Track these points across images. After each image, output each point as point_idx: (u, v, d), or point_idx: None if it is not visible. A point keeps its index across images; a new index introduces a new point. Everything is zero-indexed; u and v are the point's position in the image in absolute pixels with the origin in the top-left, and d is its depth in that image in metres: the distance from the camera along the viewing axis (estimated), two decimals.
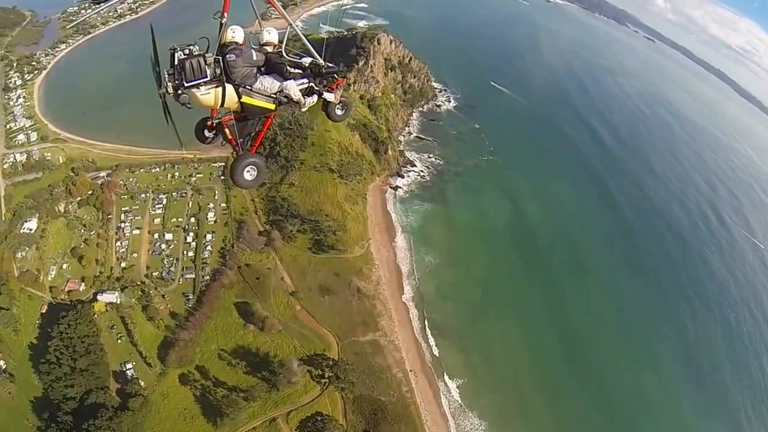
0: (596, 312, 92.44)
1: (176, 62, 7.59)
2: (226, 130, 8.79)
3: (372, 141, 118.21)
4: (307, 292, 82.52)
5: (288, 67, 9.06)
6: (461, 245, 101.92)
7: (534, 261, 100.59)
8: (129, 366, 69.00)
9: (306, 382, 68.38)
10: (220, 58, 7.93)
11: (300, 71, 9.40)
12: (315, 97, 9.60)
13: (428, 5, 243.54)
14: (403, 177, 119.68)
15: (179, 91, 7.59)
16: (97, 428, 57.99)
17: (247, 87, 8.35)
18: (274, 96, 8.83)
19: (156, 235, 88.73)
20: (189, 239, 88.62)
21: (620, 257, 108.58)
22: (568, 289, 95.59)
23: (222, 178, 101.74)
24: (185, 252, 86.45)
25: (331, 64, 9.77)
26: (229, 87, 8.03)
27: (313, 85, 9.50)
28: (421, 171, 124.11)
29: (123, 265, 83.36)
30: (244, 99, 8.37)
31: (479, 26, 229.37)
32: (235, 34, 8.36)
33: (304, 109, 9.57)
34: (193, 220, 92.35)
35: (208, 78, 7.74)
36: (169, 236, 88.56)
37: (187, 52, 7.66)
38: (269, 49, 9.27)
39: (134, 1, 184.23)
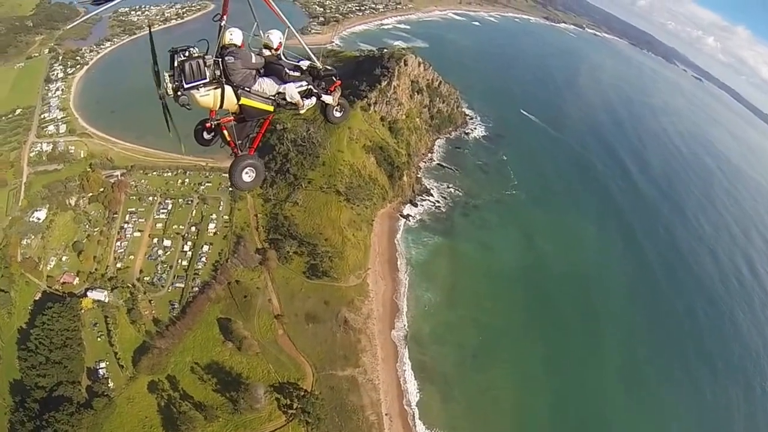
0: (604, 371, 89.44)
1: (176, 64, 8.00)
2: (225, 132, 9.20)
3: (387, 165, 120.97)
4: (293, 317, 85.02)
5: (287, 70, 9.62)
6: (466, 285, 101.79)
7: (543, 310, 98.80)
8: (102, 365, 73.84)
9: (272, 410, 70.18)
10: (219, 60, 8.39)
11: (298, 74, 9.95)
12: (313, 100, 10.20)
13: (472, 31, 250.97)
14: (416, 206, 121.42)
15: (179, 93, 8.02)
16: (57, 421, 62.48)
17: (245, 89, 8.78)
18: (273, 98, 9.35)
19: (155, 240, 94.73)
20: (186, 248, 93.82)
21: (639, 311, 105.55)
22: (576, 344, 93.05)
23: (230, 189, 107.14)
24: (180, 260, 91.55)
25: (329, 67, 10.37)
26: (228, 89, 8.47)
27: (312, 87, 10.09)
28: (437, 201, 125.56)
29: (118, 265, 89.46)
30: (243, 101, 8.79)
31: (521, 54, 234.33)
32: (233, 36, 8.70)
33: (302, 111, 10.11)
34: (193, 229, 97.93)
35: (208, 80, 8.17)
36: (167, 242, 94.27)
37: (186, 54, 8.06)
38: (268, 51, 9.76)
39: (181, 7, 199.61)
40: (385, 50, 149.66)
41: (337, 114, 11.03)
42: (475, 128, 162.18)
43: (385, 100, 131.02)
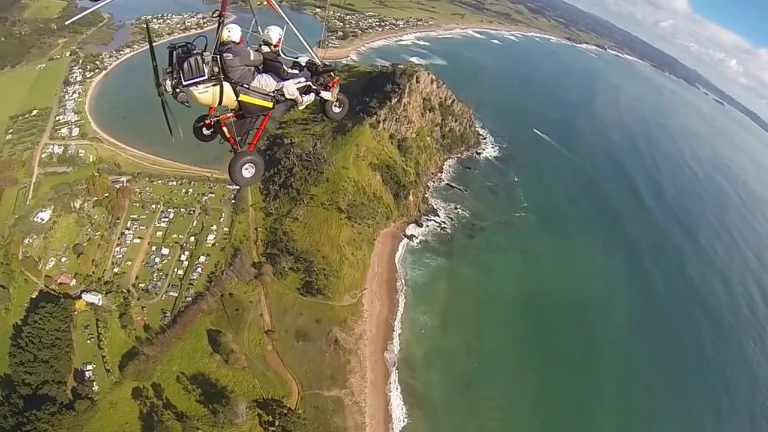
0: (599, 406, 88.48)
1: (174, 61, 8.35)
2: (225, 129, 9.61)
3: (393, 184, 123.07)
4: (283, 333, 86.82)
5: (285, 66, 10.00)
6: (465, 310, 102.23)
7: (540, 340, 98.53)
8: (89, 367, 76.92)
9: (252, 426, 71.69)
10: (218, 56, 8.70)
11: (297, 70, 10.40)
12: (312, 96, 10.64)
13: (491, 49, 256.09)
14: (421, 226, 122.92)
15: (177, 90, 8.30)
16: (38, 419, 65.41)
17: (244, 85, 9.07)
18: (272, 94, 9.68)
19: (154, 248, 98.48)
20: (183, 258, 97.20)
21: (641, 343, 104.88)
22: (572, 377, 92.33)
23: (233, 201, 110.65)
24: (176, 269, 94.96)
25: (327, 63, 10.93)
26: (226, 85, 8.77)
27: (311, 83, 10.56)
28: (443, 222, 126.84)
29: (116, 270, 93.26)
30: (242, 97, 9.11)
31: (538, 73, 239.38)
32: (231, 33, 9.04)
33: (301, 107, 10.54)
34: (192, 239, 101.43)
35: (206, 76, 8.45)
36: (165, 251, 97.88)
37: (185, 50, 8.43)
38: (267, 48, 10.10)
39: (202, 17, 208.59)
40: (399, 66, 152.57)
41: (336, 109, 11.58)
42: (487, 148, 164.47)
43: (394, 117, 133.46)
